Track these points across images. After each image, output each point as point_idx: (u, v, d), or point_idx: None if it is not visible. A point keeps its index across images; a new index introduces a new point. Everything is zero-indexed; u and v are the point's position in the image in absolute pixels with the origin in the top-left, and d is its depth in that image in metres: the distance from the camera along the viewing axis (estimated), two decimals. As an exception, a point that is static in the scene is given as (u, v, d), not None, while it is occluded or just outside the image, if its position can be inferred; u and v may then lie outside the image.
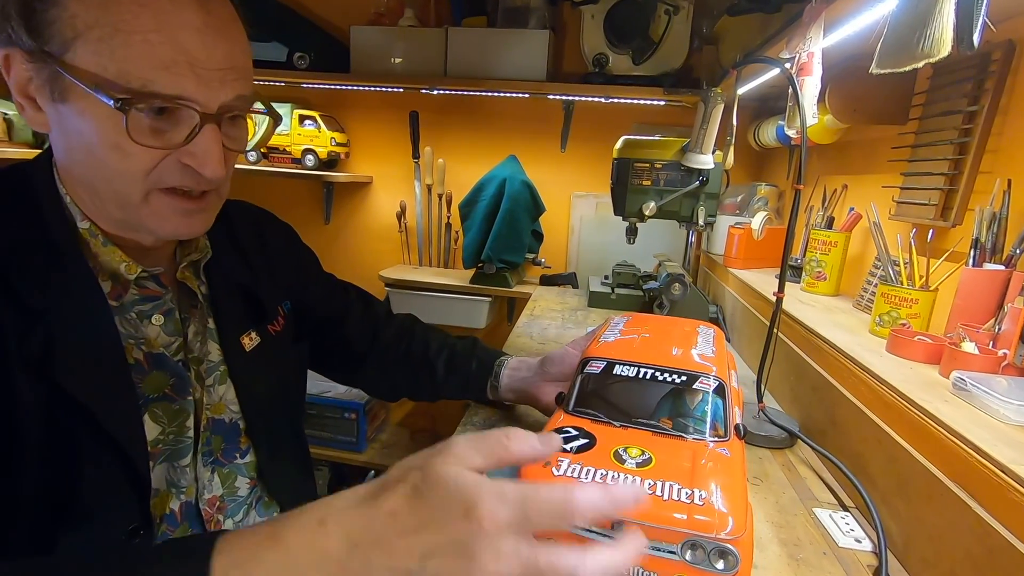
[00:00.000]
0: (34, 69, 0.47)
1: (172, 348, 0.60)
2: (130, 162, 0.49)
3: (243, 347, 0.65)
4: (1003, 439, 0.49)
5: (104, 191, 0.51)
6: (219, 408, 0.63)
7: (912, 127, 0.95)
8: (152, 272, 0.58)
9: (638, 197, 1.14)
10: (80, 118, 0.48)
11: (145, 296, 0.58)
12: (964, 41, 0.44)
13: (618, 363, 0.53)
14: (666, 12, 1.56)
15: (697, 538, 0.38)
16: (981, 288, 0.69)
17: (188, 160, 0.50)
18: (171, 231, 0.54)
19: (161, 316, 0.59)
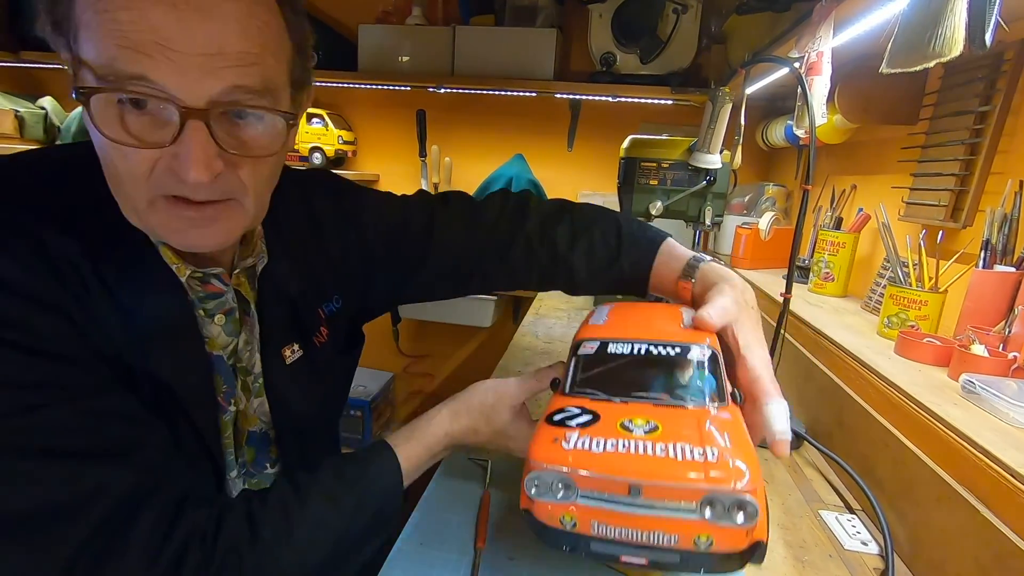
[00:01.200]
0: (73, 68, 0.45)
1: (227, 352, 0.57)
2: (129, 163, 0.44)
3: (283, 359, 0.62)
4: (1013, 442, 0.48)
5: (120, 195, 0.48)
6: (252, 420, 0.62)
7: (923, 127, 0.94)
8: (210, 272, 0.55)
9: (645, 196, 1.14)
10: (87, 116, 0.44)
11: (209, 293, 0.56)
12: (976, 40, 0.44)
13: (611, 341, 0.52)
14: (674, 11, 1.55)
15: (715, 493, 0.38)
16: (991, 290, 0.69)
17: (172, 162, 0.44)
18: (183, 242, 0.49)
19: (223, 315, 0.56)
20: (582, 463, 0.41)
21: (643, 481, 0.39)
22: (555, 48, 1.68)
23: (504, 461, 0.71)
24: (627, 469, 0.39)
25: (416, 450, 0.58)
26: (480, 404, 0.61)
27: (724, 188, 1.13)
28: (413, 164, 2.03)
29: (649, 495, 0.39)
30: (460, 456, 0.72)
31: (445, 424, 0.60)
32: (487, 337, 2.03)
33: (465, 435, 0.60)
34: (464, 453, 0.72)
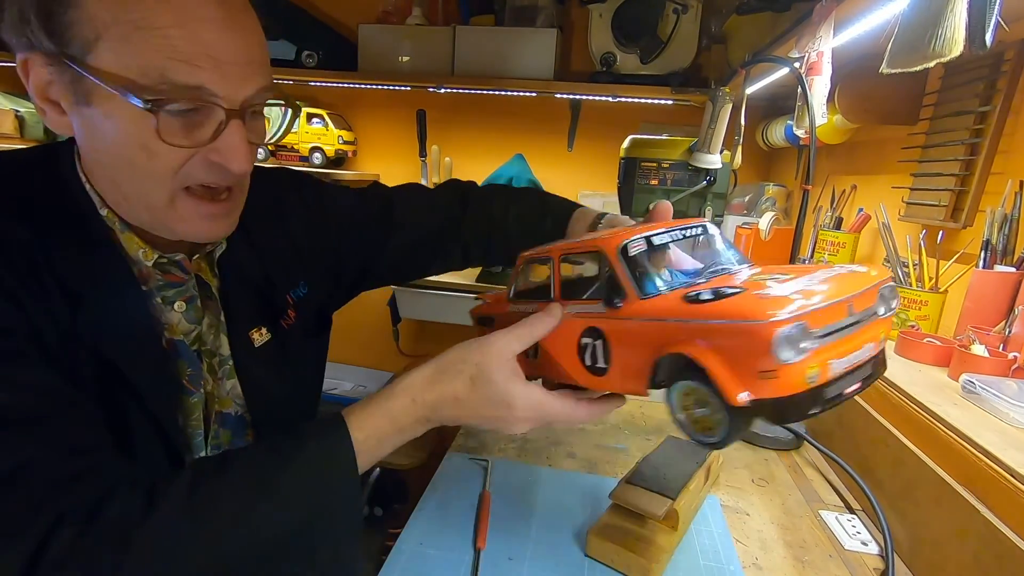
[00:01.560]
0: (55, 73, 0.47)
1: (190, 337, 0.59)
2: (157, 162, 0.48)
3: (251, 342, 0.64)
4: (1013, 443, 0.48)
5: (132, 192, 0.51)
6: (226, 402, 0.63)
7: (923, 127, 0.94)
8: (173, 258, 0.57)
9: (645, 197, 1.13)
10: (106, 120, 0.47)
11: (169, 282, 0.58)
12: (977, 40, 0.44)
13: (648, 235, 0.48)
14: (674, 11, 1.55)
15: (883, 284, 0.42)
16: (992, 290, 0.69)
17: (215, 157, 0.50)
18: (196, 234, 0.54)
19: (183, 303, 0.58)
20: (805, 305, 0.36)
21: (852, 295, 0.39)
22: (555, 48, 1.68)
23: (504, 461, 0.71)
24: (836, 292, 0.38)
25: (378, 423, 0.49)
26: (460, 363, 0.50)
27: (724, 188, 1.12)
28: (413, 164, 2.03)
29: (857, 307, 0.40)
30: (460, 456, 0.72)
31: (415, 390, 0.50)
32: (487, 337, 2.03)
33: (442, 404, 0.49)
34: (465, 453, 0.72)
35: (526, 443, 0.76)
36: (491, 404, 0.48)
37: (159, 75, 0.45)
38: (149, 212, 0.52)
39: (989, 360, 0.62)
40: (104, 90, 0.45)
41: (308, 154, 1.93)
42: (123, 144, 0.48)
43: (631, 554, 0.53)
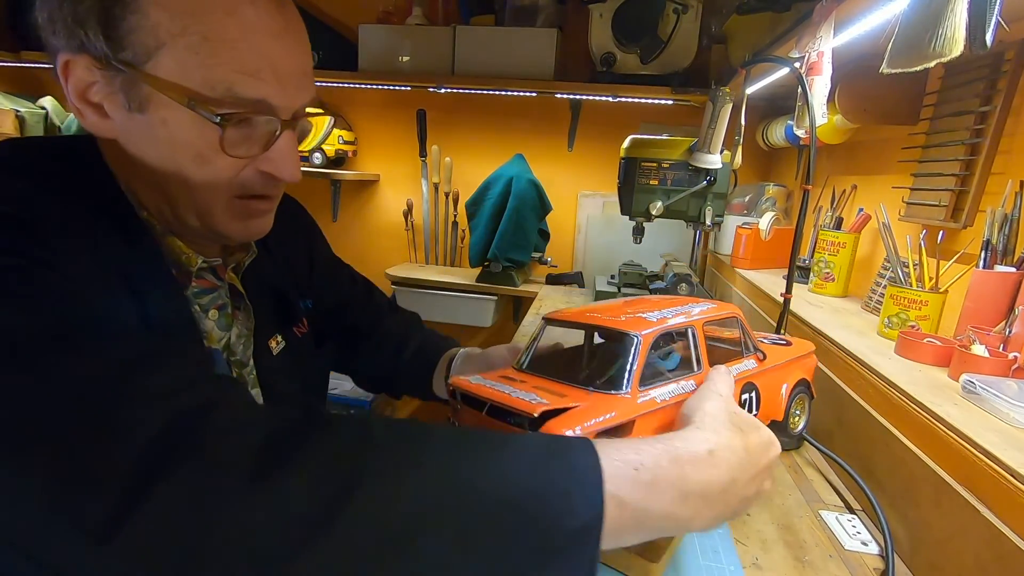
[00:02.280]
0: (105, 76, 0.45)
1: (222, 346, 0.59)
2: (211, 171, 0.48)
3: (270, 350, 0.64)
4: (1013, 443, 0.48)
5: (182, 199, 0.50)
6: None
7: (923, 127, 0.94)
8: (211, 263, 0.57)
9: (645, 196, 1.13)
10: (161, 127, 0.46)
11: (203, 288, 0.57)
12: (977, 40, 0.44)
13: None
14: (675, 11, 1.55)
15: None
16: (992, 290, 0.68)
17: (266, 167, 0.50)
18: (243, 234, 0.55)
19: (216, 311, 0.58)
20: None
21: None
22: (555, 48, 1.68)
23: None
24: None
25: (627, 456, 0.36)
26: (733, 413, 0.44)
27: (724, 188, 1.12)
28: (413, 164, 2.03)
29: None
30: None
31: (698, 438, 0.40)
32: (487, 337, 2.03)
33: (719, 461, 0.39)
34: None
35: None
36: (763, 447, 0.43)
37: (225, 89, 0.45)
38: (198, 217, 0.52)
39: (989, 360, 0.62)
40: (162, 98, 0.45)
41: (308, 154, 1.93)
42: (177, 152, 0.47)
43: (631, 554, 0.53)
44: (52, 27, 0.45)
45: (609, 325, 0.51)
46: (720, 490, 0.38)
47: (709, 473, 0.38)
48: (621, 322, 0.51)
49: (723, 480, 0.39)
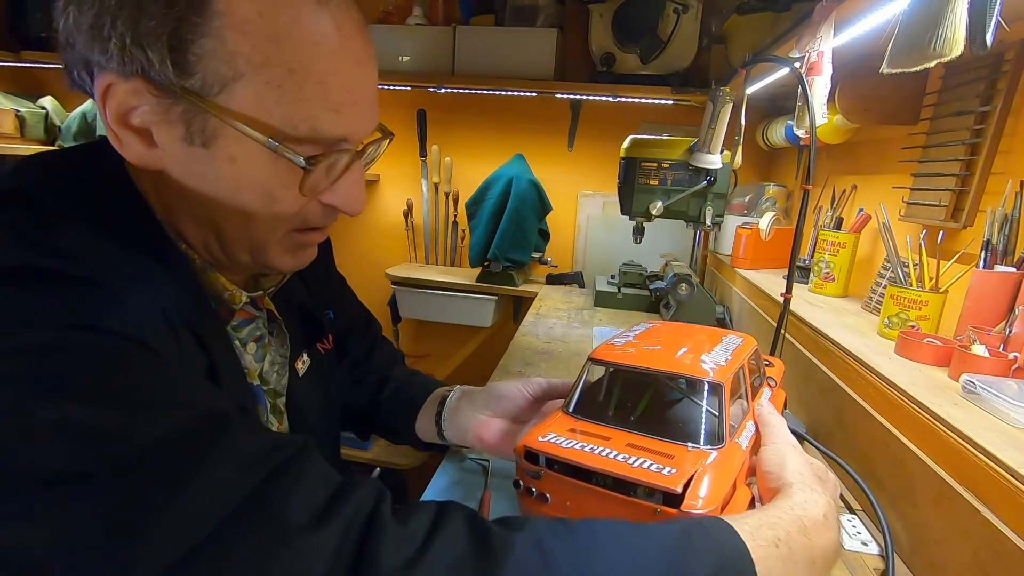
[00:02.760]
0: (162, 104, 0.40)
1: (259, 378, 0.56)
2: (278, 208, 0.44)
3: (297, 372, 0.61)
4: (1013, 443, 0.48)
5: (236, 235, 0.46)
6: None
7: (923, 127, 0.94)
8: (254, 296, 0.54)
9: (645, 196, 1.14)
10: (228, 165, 0.42)
11: (242, 320, 0.53)
12: (977, 40, 0.44)
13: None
14: (675, 11, 1.55)
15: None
16: (992, 290, 0.68)
17: (332, 199, 0.47)
18: (292, 266, 0.51)
19: (254, 344, 0.54)
20: None
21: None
22: (555, 48, 1.68)
23: (505, 461, 0.71)
24: None
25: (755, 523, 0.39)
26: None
27: (724, 188, 1.13)
28: (413, 164, 2.03)
29: None
30: (460, 456, 0.72)
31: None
32: (487, 337, 2.03)
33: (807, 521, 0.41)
34: (465, 453, 0.72)
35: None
36: (834, 486, 0.48)
37: (310, 128, 0.41)
38: (251, 253, 0.47)
39: (989, 360, 0.62)
40: (233, 133, 0.40)
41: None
42: (242, 189, 0.43)
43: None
44: (95, 41, 0.38)
45: (687, 372, 0.49)
46: (834, 549, 0.41)
47: (827, 536, 0.41)
48: (698, 368, 0.49)
49: (835, 539, 0.42)
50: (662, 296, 1.43)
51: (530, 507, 0.48)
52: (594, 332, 1.30)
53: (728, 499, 0.41)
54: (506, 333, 1.97)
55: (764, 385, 0.61)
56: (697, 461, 0.43)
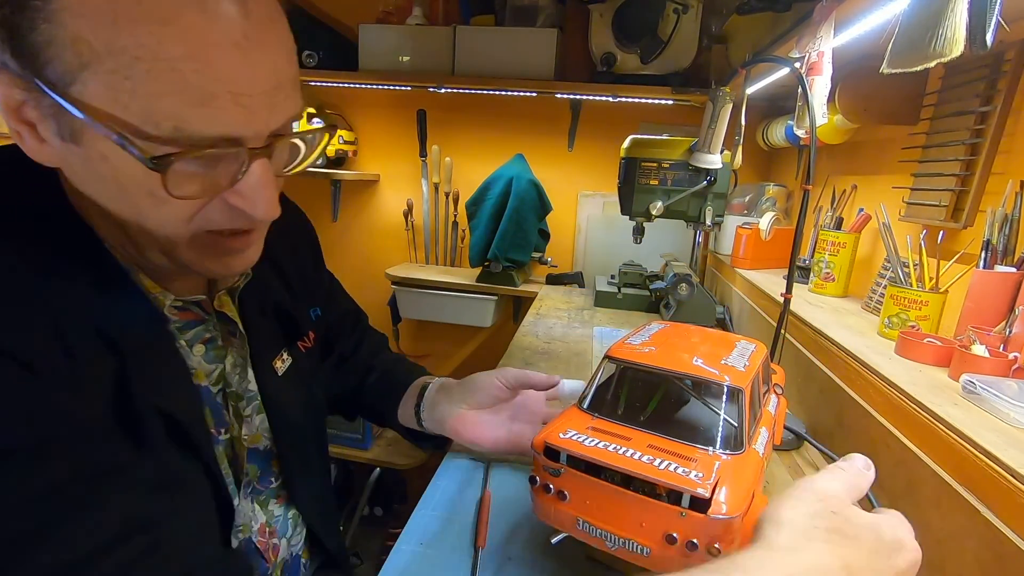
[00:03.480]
0: (32, 97, 0.37)
1: (212, 379, 0.54)
2: (168, 210, 0.41)
3: (275, 372, 0.60)
4: (1013, 443, 0.48)
5: (142, 238, 0.44)
6: (256, 438, 0.59)
7: (923, 127, 0.94)
8: (190, 300, 0.52)
9: (645, 196, 1.14)
10: (102, 163, 0.38)
11: (187, 321, 0.52)
12: (977, 40, 0.44)
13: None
14: (675, 11, 1.55)
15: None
16: (992, 291, 0.68)
17: (236, 201, 0.42)
18: (223, 272, 0.48)
19: (203, 346, 0.53)
20: None
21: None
22: (555, 48, 1.68)
23: (504, 461, 0.71)
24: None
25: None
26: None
27: (725, 188, 1.13)
28: (413, 164, 2.03)
29: None
30: (460, 456, 0.72)
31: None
32: (487, 337, 2.03)
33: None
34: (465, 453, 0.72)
35: (526, 443, 0.76)
36: (883, 552, 0.34)
37: (172, 126, 0.36)
38: (165, 255, 0.45)
39: (989, 360, 0.62)
40: (95, 130, 0.36)
41: (308, 154, 1.93)
42: (126, 188, 0.39)
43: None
44: None
45: (710, 377, 0.49)
46: None
47: None
48: (720, 373, 0.49)
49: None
50: (662, 296, 1.43)
51: (546, 504, 0.48)
52: (594, 332, 1.30)
53: (749, 506, 0.41)
54: (506, 333, 1.96)
55: (771, 392, 0.61)
56: (718, 466, 0.43)
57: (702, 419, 0.49)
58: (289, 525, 0.65)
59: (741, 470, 0.44)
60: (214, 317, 0.54)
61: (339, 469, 1.89)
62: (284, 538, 0.64)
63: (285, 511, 0.65)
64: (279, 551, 0.63)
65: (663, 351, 0.53)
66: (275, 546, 0.62)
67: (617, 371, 0.54)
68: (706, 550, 0.40)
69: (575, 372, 1.02)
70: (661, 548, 0.42)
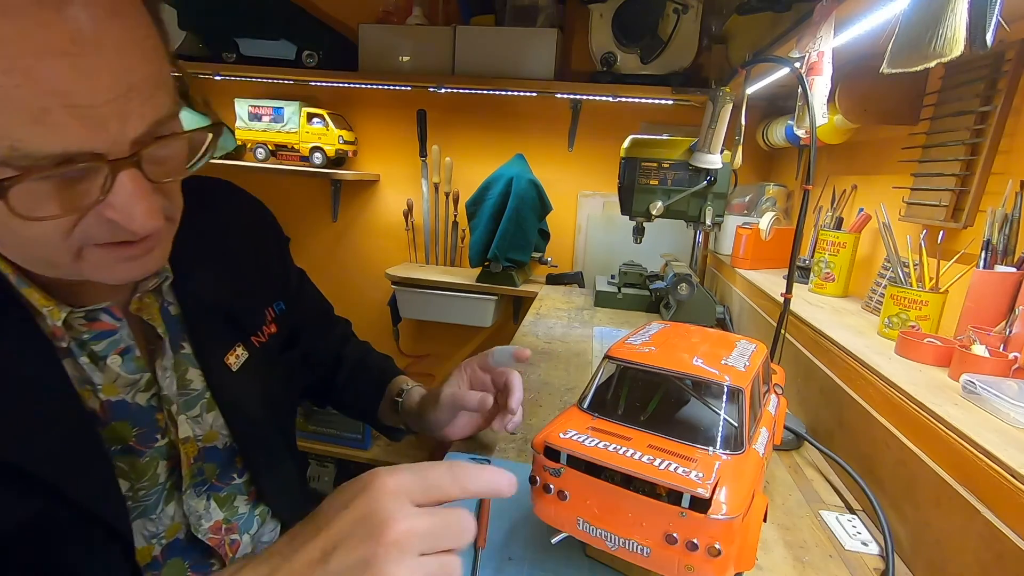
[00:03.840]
0: None
1: (139, 387, 0.52)
2: (39, 230, 0.38)
3: (228, 368, 0.58)
4: (1013, 443, 0.48)
5: (22, 258, 0.42)
6: (211, 436, 0.58)
7: (923, 127, 0.94)
8: (93, 310, 0.48)
9: (645, 196, 1.14)
10: None
11: (98, 332, 0.49)
12: (977, 40, 0.44)
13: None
14: (675, 11, 1.55)
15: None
16: (992, 290, 0.68)
17: (111, 215, 0.39)
18: (121, 278, 0.45)
19: (118, 356, 0.50)
20: None
21: None
22: (555, 48, 1.68)
23: (505, 461, 0.71)
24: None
25: None
26: None
27: (725, 188, 1.13)
28: (413, 164, 2.03)
29: None
30: (460, 456, 0.72)
31: None
32: (487, 337, 2.03)
33: None
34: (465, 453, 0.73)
35: (526, 443, 0.76)
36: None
37: (7, 146, 0.33)
38: (56, 270, 0.43)
39: (990, 360, 0.62)
40: None
41: (308, 154, 1.93)
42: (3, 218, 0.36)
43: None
44: None
45: (710, 377, 0.49)
46: None
47: None
48: (721, 373, 0.49)
49: None
50: (662, 296, 1.43)
51: (546, 505, 0.48)
52: (594, 332, 1.30)
53: (749, 506, 0.41)
54: (506, 333, 1.97)
55: (771, 392, 0.61)
56: (719, 466, 0.43)
57: (702, 419, 0.49)
58: (255, 521, 0.64)
59: (741, 470, 0.44)
60: (125, 326, 0.51)
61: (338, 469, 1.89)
62: (247, 534, 0.63)
63: (252, 508, 0.64)
64: (238, 546, 0.62)
65: (663, 351, 0.53)
66: (234, 542, 0.61)
67: (617, 371, 0.54)
68: (706, 550, 0.40)
69: (575, 372, 1.02)
70: (661, 548, 0.42)
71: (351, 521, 0.34)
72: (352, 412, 0.86)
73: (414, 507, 0.35)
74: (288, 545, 0.35)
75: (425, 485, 0.36)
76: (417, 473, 0.36)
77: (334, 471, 1.88)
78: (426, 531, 0.34)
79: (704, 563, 0.40)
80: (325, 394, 0.85)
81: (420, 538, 0.34)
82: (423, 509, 0.35)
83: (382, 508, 0.34)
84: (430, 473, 0.37)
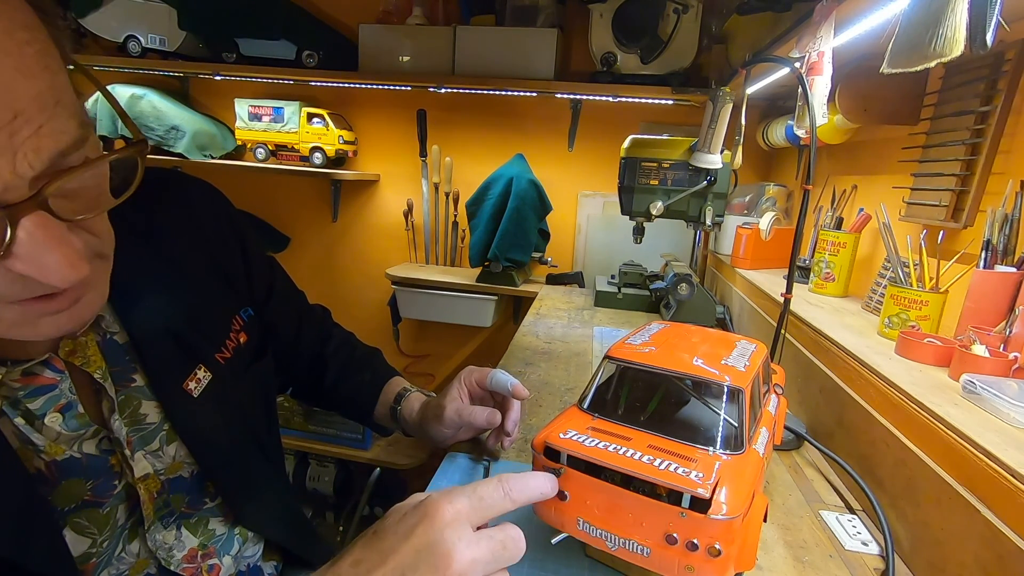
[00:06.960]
0: None
1: (85, 438, 0.47)
2: None
3: (188, 394, 0.53)
4: (1013, 443, 0.48)
5: None
6: (175, 467, 0.54)
7: (923, 127, 0.94)
8: (28, 366, 0.43)
9: (645, 196, 1.14)
10: None
11: (35, 388, 0.44)
12: (977, 40, 0.44)
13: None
14: (675, 11, 1.55)
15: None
16: (992, 290, 0.68)
17: (21, 269, 0.33)
18: (47, 334, 0.39)
19: (58, 414, 0.45)
20: None
21: None
22: (555, 48, 1.68)
23: (504, 461, 0.71)
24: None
25: None
26: None
27: (725, 188, 1.13)
28: (413, 164, 2.03)
29: None
30: (461, 456, 0.72)
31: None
32: (487, 337, 2.03)
33: None
34: (465, 453, 0.73)
35: (526, 443, 0.76)
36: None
37: None
38: None
39: (990, 360, 0.62)
40: None
41: (308, 154, 1.93)
42: None
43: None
44: None
45: (710, 377, 0.49)
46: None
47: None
48: (721, 373, 0.49)
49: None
50: (662, 296, 1.43)
51: (546, 505, 0.48)
52: (594, 332, 1.30)
53: (749, 506, 0.41)
54: (506, 333, 1.97)
55: (771, 392, 0.61)
56: (719, 466, 0.43)
57: (702, 419, 0.49)
58: (236, 541, 0.62)
59: (741, 470, 0.44)
60: (67, 379, 0.46)
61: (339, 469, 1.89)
62: (228, 555, 0.60)
63: (230, 528, 0.61)
64: (219, 570, 0.60)
65: (663, 351, 0.53)
66: (212, 567, 0.59)
67: (617, 371, 0.54)
68: (706, 550, 0.40)
69: (575, 372, 1.02)
70: (661, 548, 0.42)
71: (414, 551, 0.35)
72: (344, 413, 0.85)
73: (473, 532, 0.36)
74: (353, 570, 0.36)
75: (481, 507, 0.38)
76: (472, 496, 0.38)
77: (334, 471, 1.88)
78: (487, 558, 0.36)
79: (704, 563, 0.40)
80: (312, 395, 0.83)
81: (483, 565, 0.36)
82: (481, 533, 0.37)
83: (445, 539, 0.35)
84: (483, 493, 0.38)
